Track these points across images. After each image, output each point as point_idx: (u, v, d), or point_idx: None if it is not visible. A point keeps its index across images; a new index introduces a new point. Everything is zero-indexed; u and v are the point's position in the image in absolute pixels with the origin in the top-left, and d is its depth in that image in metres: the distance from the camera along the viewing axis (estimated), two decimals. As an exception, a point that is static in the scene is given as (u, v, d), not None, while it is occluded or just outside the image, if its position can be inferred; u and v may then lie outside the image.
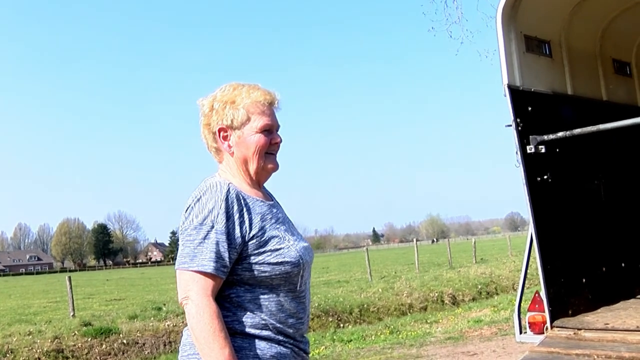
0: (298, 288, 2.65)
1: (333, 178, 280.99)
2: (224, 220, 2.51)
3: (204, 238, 2.50)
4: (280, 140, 2.76)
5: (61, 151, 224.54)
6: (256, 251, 2.56)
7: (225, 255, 2.50)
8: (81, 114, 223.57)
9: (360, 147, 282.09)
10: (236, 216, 2.54)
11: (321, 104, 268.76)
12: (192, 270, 2.49)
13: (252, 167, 2.71)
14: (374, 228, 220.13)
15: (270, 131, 2.72)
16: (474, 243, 39.27)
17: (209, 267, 2.48)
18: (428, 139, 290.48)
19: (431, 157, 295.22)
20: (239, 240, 2.53)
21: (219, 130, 2.71)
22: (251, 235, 2.56)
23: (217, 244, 2.49)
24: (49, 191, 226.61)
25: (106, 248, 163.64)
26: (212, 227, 2.50)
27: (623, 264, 7.40)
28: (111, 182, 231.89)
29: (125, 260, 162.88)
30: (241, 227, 2.54)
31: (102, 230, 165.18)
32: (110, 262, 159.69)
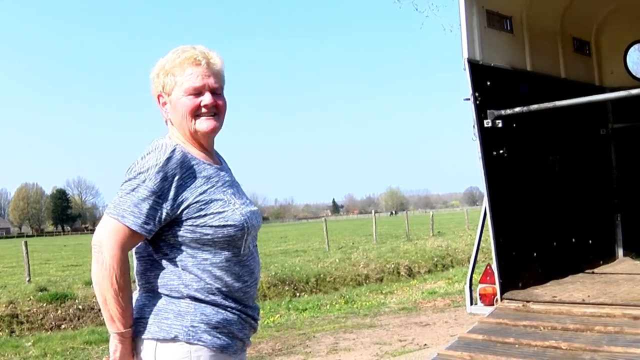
0: (242, 252, 2.64)
1: (295, 148, 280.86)
2: (158, 180, 2.48)
3: (132, 190, 2.48)
4: (210, 102, 2.66)
5: (21, 116, 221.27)
6: (197, 214, 2.54)
7: (150, 212, 2.48)
8: (40, 80, 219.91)
9: (322, 118, 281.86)
10: (176, 177, 2.51)
11: (283, 76, 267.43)
12: (112, 217, 2.49)
13: (186, 131, 2.68)
14: (333, 199, 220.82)
15: (199, 93, 2.66)
16: (432, 216, 39.65)
17: (128, 219, 2.46)
18: (390, 111, 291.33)
19: (392, 129, 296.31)
20: (173, 201, 2.51)
21: (157, 98, 2.70)
22: (192, 198, 2.54)
23: (143, 199, 2.47)
24: (7, 156, 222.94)
25: (64, 214, 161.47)
26: (144, 181, 2.47)
27: (573, 239, 7.55)
28: (71, 148, 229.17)
29: (83, 226, 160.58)
30: (180, 188, 2.52)
31: (60, 196, 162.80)
32: (69, 228, 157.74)
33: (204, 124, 2.68)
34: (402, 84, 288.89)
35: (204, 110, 2.67)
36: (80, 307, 14.28)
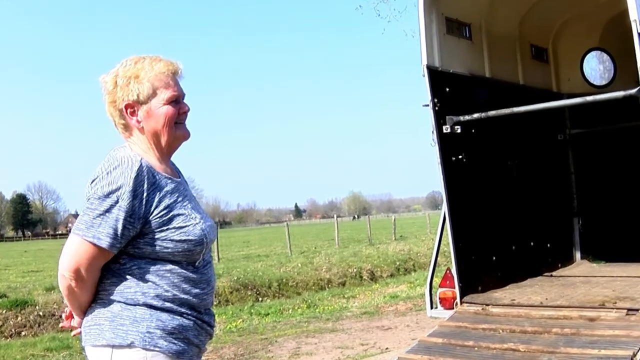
0: (197, 265, 2.67)
1: (257, 152, 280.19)
2: (130, 199, 2.49)
3: (106, 211, 2.49)
4: (188, 109, 2.75)
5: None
6: (159, 228, 2.56)
7: (123, 232, 2.50)
8: (2, 83, 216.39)
9: (285, 121, 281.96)
10: (144, 194, 2.53)
11: (243, 78, 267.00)
12: (85, 240, 2.50)
13: (164, 139, 2.69)
14: (296, 203, 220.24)
15: (177, 101, 2.70)
16: (394, 220, 39.82)
17: (104, 241, 2.48)
18: (353, 115, 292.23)
19: (355, 134, 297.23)
20: (140, 218, 2.53)
21: (126, 107, 2.67)
22: (156, 212, 2.56)
23: (117, 220, 2.48)
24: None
25: (25, 219, 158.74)
26: (117, 202, 2.48)
27: (532, 243, 7.66)
28: (32, 152, 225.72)
29: (44, 231, 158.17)
30: (146, 205, 2.54)
31: (21, 201, 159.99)
32: (29, 233, 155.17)
33: (183, 130, 2.75)
34: (365, 89, 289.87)
35: (181, 118, 2.73)
36: (40, 313, 14.12)
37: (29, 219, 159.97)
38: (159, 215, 2.56)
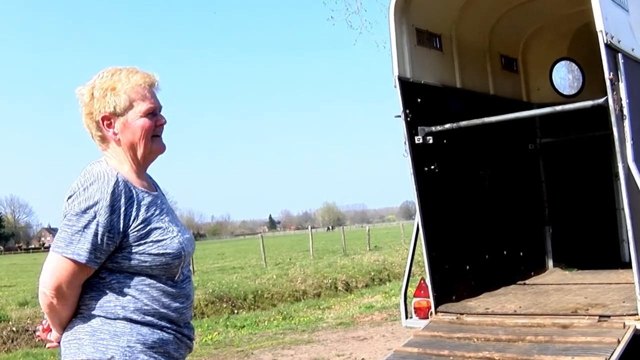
0: (176, 279, 2.67)
1: (230, 164, 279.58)
2: (108, 214, 2.49)
3: (84, 227, 2.48)
4: (165, 122, 2.75)
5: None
6: (137, 242, 2.56)
7: (102, 247, 2.50)
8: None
9: (258, 133, 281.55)
10: (121, 209, 2.53)
11: (217, 89, 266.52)
12: (65, 257, 2.49)
13: (140, 152, 2.69)
14: (270, 215, 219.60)
15: (154, 114, 2.70)
16: (368, 231, 39.87)
17: (84, 257, 2.48)
18: (324, 127, 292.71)
19: (328, 145, 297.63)
20: (119, 232, 2.53)
21: (102, 119, 2.66)
22: (133, 226, 2.56)
23: (96, 235, 2.48)
24: None
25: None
26: (94, 217, 2.48)
27: (505, 252, 7.72)
28: (3, 165, 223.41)
29: (17, 245, 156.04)
30: (124, 220, 2.53)
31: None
32: (1, 247, 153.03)
33: (159, 143, 2.75)
34: (337, 100, 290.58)
35: (157, 130, 2.73)
36: (14, 329, 14.00)
37: (1, 234, 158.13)
38: (136, 229, 2.56)
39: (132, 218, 2.56)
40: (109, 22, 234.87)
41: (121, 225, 2.53)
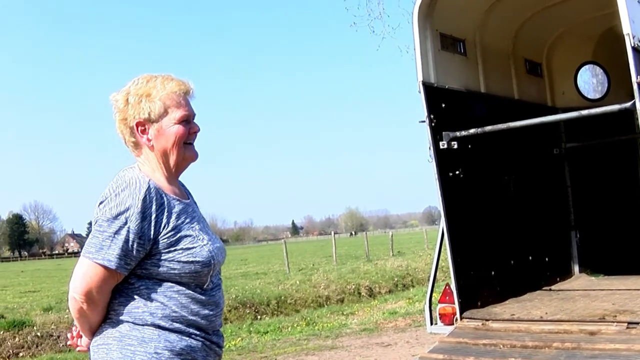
0: (205, 287, 2.67)
1: (253, 170, 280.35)
2: (139, 220, 2.50)
3: (115, 233, 2.49)
4: (198, 129, 2.77)
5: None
6: (167, 249, 2.57)
7: (133, 253, 2.51)
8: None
9: (281, 139, 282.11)
10: (153, 216, 2.54)
11: (241, 95, 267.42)
12: (96, 262, 2.50)
13: (172, 159, 2.71)
14: (293, 221, 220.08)
15: (188, 121, 2.72)
16: (391, 236, 39.83)
17: (114, 263, 2.49)
18: (349, 132, 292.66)
19: (350, 150, 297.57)
20: (150, 239, 2.54)
21: (137, 125, 2.68)
22: (164, 233, 2.56)
23: (127, 241, 2.49)
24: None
25: (21, 239, 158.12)
26: (126, 223, 2.49)
27: (530, 257, 7.66)
28: (28, 172, 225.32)
29: (41, 251, 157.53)
30: (155, 226, 2.54)
31: (17, 221, 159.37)
32: (26, 253, 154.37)
33: (192, 151, 2.77)
34: (361, 105, 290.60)
35: (191, 138, 2.74)
36: (38, 334, 14.08)
37: (25, 239, 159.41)
38: (166, 236, 2.57)
39: (162, 225, 2.57)
40: (106, 36, 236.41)
41: (152, 232, 2.53)
